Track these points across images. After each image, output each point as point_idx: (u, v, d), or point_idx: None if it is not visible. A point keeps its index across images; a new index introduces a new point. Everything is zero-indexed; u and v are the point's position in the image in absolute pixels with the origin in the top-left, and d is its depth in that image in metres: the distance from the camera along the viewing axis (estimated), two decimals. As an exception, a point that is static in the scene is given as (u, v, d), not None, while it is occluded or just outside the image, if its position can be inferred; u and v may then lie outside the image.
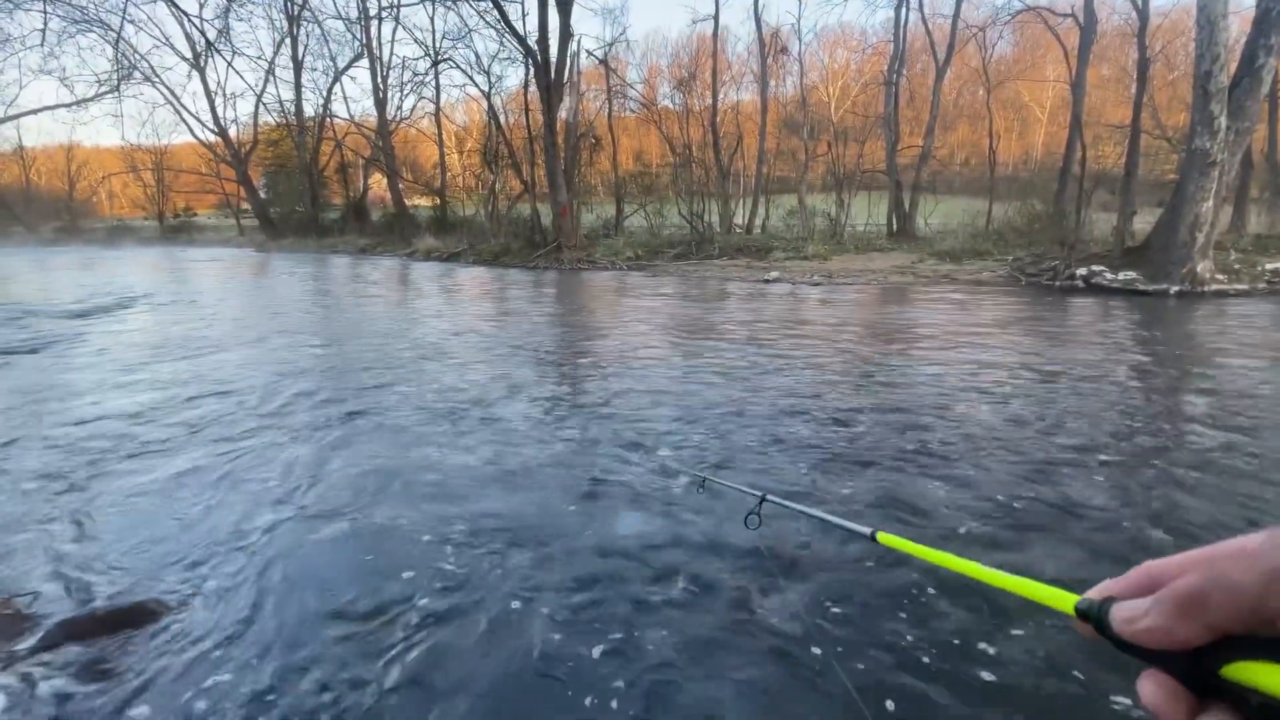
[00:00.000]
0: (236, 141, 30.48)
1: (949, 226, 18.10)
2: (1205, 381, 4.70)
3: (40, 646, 1.93)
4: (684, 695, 1.72)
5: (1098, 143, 18.59)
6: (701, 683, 1.77)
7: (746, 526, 1.30)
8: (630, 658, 1.87)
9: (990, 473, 3.09)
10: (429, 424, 3.96)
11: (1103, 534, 2.50)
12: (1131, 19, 15.47)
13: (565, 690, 1.75)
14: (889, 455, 3.33)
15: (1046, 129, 36.73)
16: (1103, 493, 2.84)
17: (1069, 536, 2.49)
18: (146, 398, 4.62)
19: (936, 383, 4.75)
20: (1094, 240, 12.08)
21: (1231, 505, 2.70)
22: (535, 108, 19.35)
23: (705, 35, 24.35)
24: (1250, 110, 8.87)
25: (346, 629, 2.01)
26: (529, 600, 2.14)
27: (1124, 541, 2.45)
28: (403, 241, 23.13)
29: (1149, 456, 3.24)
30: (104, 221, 39.81)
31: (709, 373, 5.14)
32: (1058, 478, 3.01)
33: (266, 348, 6.41)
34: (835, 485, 2.99)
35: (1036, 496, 2.83)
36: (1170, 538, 2.44)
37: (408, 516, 2.74)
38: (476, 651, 1.90)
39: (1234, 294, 8.99)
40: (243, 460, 3.40)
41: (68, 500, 2.95)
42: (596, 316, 8.70)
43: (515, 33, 17.98)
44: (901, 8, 18.95)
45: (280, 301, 10.40)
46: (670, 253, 16.60)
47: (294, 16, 27.13)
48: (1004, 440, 3.51)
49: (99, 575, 2.32)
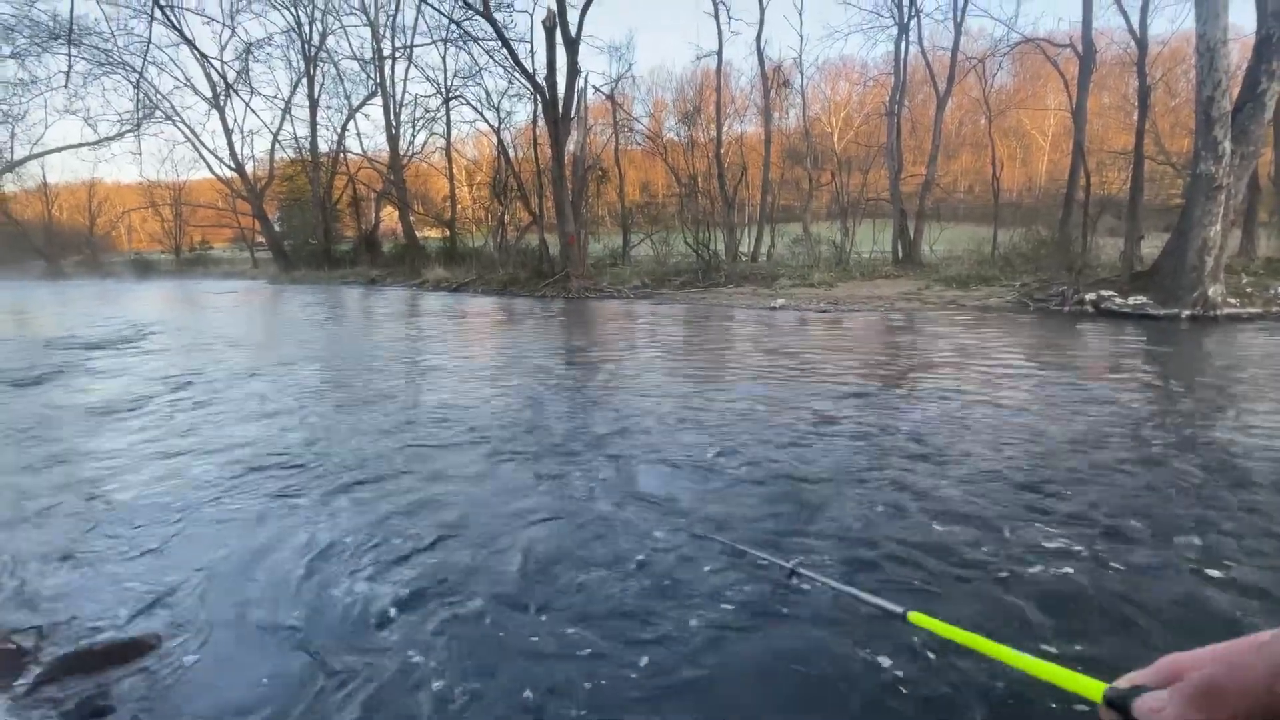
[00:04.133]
0: (253, 177, 31.21)
1: (954, 253, 18.11)
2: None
3: (39, 682, 1.91)
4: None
5: (1101, 169, 18.69)
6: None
7: (776, 598, 1.25)
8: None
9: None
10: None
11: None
12: (1130, 48, 15.67)
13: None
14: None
15: (1049, 156, 36.99)
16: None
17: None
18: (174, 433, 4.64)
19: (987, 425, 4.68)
20: (1101, 265, 12.06)
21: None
22: (543, 141, 19.73)
23: (709, 70, 24.83)
24: (1254, 134, 8.90)
25: (356, 661, 1.97)
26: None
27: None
28: (413, 272, 23.44)
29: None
30: (123, 255, 40.69)
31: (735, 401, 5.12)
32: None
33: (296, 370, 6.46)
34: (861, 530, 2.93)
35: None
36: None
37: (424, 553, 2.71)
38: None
39: (1247, 318, 8.90)
40: (251, 489, 3.39)
41: (70, 529, 2.94)
42: (617, 342, 8.72)
43: (524, 70, 18.43)
44: (901, 41, 19.30)
45: (311, 332, 10.50)
46: (677, 281, 16.69)
47: (311, 58, 27.99)
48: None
49: (102, 609, 2.30)
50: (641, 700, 1.79)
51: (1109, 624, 2.09)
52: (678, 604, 2.24)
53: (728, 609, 2.20)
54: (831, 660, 1.93)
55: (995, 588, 2.29)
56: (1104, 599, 2.20)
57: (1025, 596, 2.23)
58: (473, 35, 21.11)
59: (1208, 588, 2.26)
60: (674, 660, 1.96)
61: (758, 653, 1.99)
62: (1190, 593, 2.23)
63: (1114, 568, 2.40)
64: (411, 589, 2.38)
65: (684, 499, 3.16)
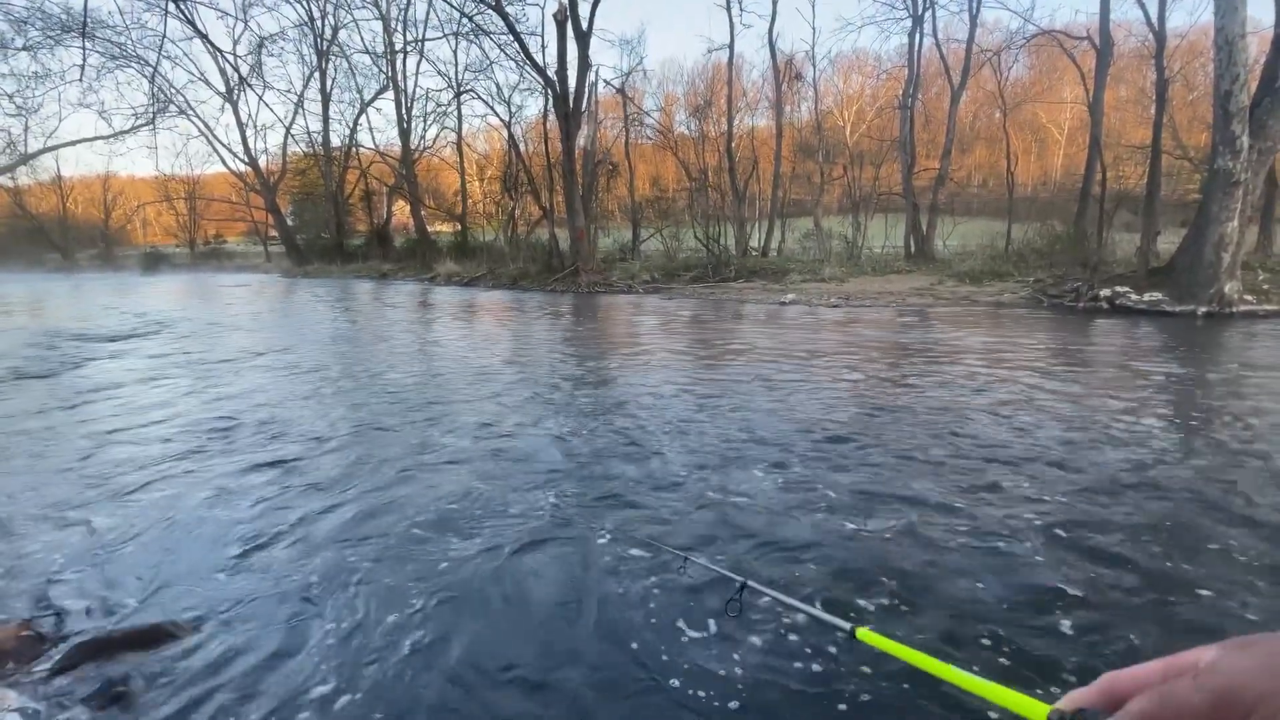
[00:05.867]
0: (266, 171, 31.45)
1: (968, 248, 17.97)
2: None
3: (59, 668, 1.96)
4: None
5: (1118, 163, 18.41)
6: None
7: (727, 613, 1.25)
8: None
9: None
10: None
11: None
12: (1148, 41, 15.41)
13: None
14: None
15: (1065, 150, 36.52)
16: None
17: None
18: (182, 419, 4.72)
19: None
20: (1116, 261, 11.92)
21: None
22: (554, 136, 19.74)
23: (721, 63, 24.77)
24: (1272, 130, 8.75)
25: (380, 653, 2.01)
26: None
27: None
28: (424, 266, 23.58)
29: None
30: (137, 249, 41.15)
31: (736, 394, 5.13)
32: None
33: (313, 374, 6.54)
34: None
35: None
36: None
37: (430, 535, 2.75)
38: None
39: (1263, 314, 8.78)
40: (270, 480, 3.44)
41: (88, 517, 3.01)
42: (627, 337, 8.73)
43: (535, 64, 18.43)
44: (915, 33, 19.12)
45: (328, 330, 10.60)
46: (686, 275, 16.68)
47: (323, 52, 28.11)
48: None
49: (121, 596, 2.36)
50: (576, 711, 1.77)
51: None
52: (620, 614, 2.20)
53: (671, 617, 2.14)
54: (778, 676, 1.88)
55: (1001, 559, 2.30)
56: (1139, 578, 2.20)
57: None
58: (484, 29, 21.16)
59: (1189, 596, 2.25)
60: (619, 674, 1.92)
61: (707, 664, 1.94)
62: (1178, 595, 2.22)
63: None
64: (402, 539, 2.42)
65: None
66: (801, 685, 1.82)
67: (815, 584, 2.34)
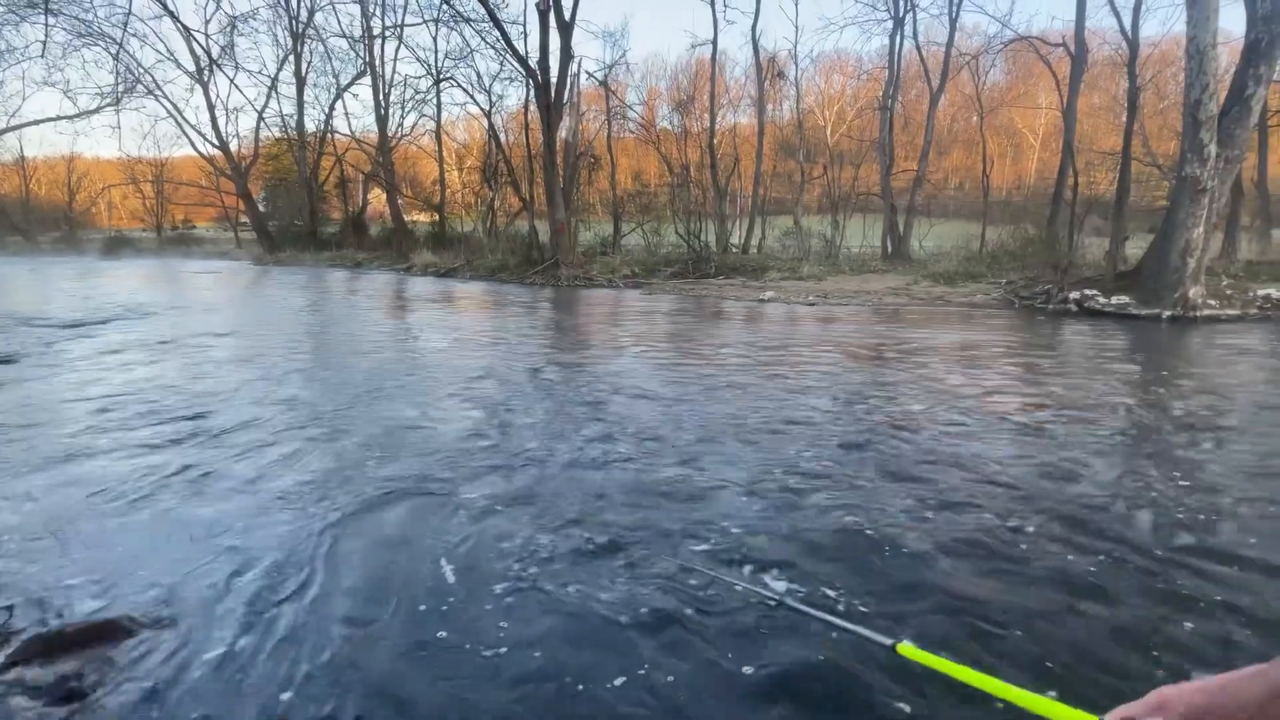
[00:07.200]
0: (237, 155, 30.61)
1: (943, 249, 18.24)
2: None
3: (9, 664, 1.88)
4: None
5: (1090, 169, 18.85)
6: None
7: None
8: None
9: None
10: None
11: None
12: (1122, 49, 15.78)
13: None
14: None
15: (1039, 155, 37.23)
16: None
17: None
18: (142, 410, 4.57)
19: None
20: (1086, 264, 12.19)
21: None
22: (535, 126, 19.56)
23: (704, 59, 24.76)
24: (1240, 138, 9.01)
25: (340, 648, 1.96)
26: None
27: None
28: (400, 256, 23.20)
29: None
30: (102, 232, 39.75)
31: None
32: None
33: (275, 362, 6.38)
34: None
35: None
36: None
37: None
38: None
39: (1225, 319, 9.05)
40: (230, 463, 3.35)
41: (43, 510, 2.89)
42: (609, 330, 8.69)
43: (516, 54, 18.22)
44: (896, 35, 19.31)
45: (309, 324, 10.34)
46: (667, 271, 16.66)
47: (298, 34, 27.42)
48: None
49: (75, 590, 2.27)
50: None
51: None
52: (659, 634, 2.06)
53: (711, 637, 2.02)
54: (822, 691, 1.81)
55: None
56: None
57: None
58: (464, 16, 20.87)
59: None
60: (659, 688, 1.82)
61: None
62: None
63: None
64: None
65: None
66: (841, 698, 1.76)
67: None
